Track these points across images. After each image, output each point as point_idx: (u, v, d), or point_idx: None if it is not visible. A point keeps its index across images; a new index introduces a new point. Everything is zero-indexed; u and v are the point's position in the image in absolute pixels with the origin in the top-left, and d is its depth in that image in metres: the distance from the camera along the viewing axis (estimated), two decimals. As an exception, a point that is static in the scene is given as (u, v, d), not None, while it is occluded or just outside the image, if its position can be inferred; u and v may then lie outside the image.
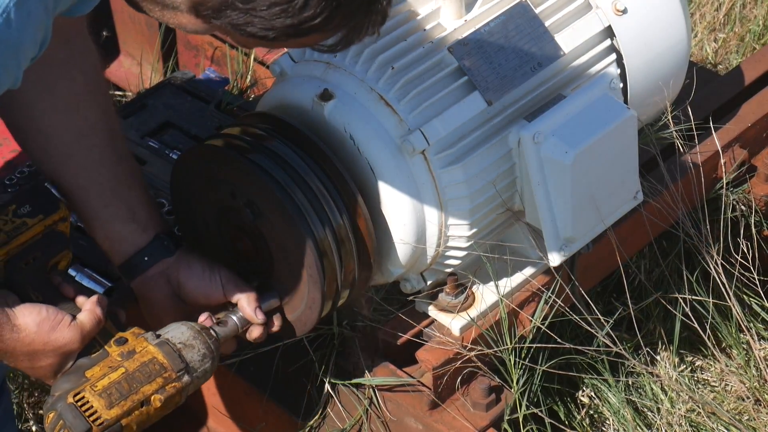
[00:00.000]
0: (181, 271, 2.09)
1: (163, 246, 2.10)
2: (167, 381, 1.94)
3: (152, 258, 2.09)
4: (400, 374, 2.32)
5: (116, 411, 1.89)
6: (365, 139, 2.12)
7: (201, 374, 1.99)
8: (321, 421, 2.39)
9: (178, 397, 1.96)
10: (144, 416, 1.93)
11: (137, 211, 2.09)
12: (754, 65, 2.94)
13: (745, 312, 2.80)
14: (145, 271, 2.09)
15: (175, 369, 1.95)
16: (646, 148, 2.50)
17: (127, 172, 2.10)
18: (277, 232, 2.09)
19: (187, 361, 1.97)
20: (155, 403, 1.93)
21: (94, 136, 2.06)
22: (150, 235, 2.09)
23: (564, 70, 2.28)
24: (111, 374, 1.91)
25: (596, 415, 2.70)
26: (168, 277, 2.09)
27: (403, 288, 2.31)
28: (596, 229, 2.29)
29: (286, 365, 2.40)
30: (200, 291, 2.09)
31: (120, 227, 2.08)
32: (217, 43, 3.23)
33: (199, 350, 1.99)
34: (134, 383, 1.92)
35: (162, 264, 2.09)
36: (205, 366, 1.99)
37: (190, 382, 1.97)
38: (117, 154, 2.09)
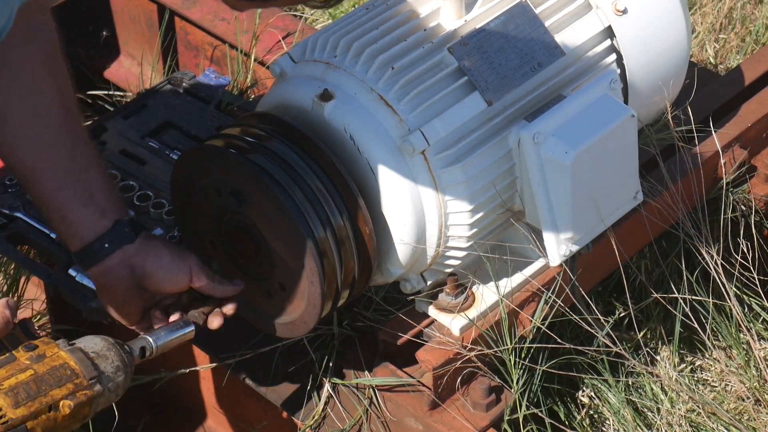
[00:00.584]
0: (148, 260, 2.01)
1: (123, 233, 2.00)
2: (78, 387, 1.85)
3: (113, 245, 2.00)
4: (400, 374, 2.32)
5: (23, 411, 1.80)
6: (365, 140, 2.12)
7: (113, 387, 1.90)
8: (321, 421, 2.39)
9: (87, 409, 1.87)
10: (51, 422, 1.83)
11: (95, 194, 2.00)
12: (754, 65, 2.94)
13: (745, 312, 2.80)
14: (105, 259, 2.00)
15: (87, 376, 1.86)
16: (646, 148, 2.50)
17: (85, 154, 2.01)
18: (277, 232, 2.09)
19: (100, 369, 1.88)
20: (64, 410, 1.83)
21: (49, 116, 1.98)
22: (110, 220, 2.00)
23: (564, 71, 2.29)
24: (19, 375, 1.82)
25: (596, 415, 2.70)
26: (131, 266, 2.01)
27: (403, 288, 2.31)
28: (596, 229, 2.29)
29: (286, 365, 2.40)
30: (170, 281, 2.03)
31: (77, 211, 1.99)
32: (217, 43, 3.23)
33: (113, 362, 1.90)
34: (43, 386, 1.82)
35: (123, 252, 2.00)
36: (118, 379, 1.90)
37: (102, 392, 1.87)
38: (73, 135, 2.00)
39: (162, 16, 3.30)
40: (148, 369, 2.51)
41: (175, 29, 3.33)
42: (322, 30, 2.26)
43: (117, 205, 2.03)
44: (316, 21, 3.72)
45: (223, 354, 2.42)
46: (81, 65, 3.42)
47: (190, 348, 2.51)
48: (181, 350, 2.54)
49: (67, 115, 2.00)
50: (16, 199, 2.64)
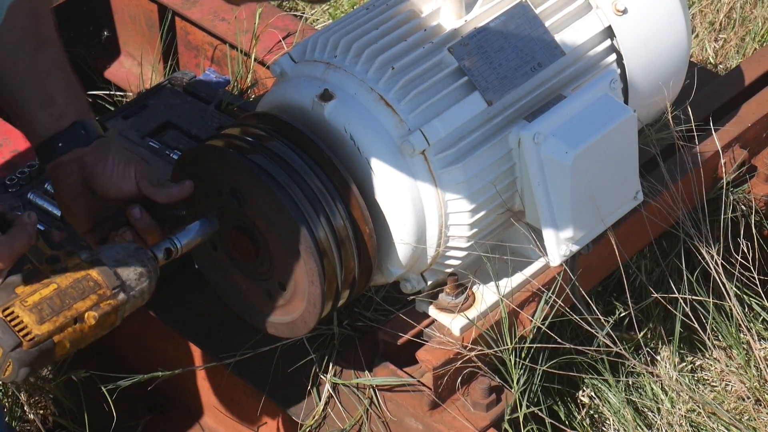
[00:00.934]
0: (97, 163, 2.04)
1: (79, 134, 2.05)
2: (102, 298, 1.87)
3: (66, 145, 2.04)
4: (401, 374, 2.33)
5: (48, 327, 1.82)
6: (365, 140, 2.12)
7: (138, 294, 1.92)
8: (321, 421, 2.39)
9: (114, 317, 1.90)
10: (78, 334, 1.85)
11: (55, 97, 2.04)
12: (754, 65, 2.94)
13: (746, 312, 2.80)
14: (59, 157, 2.05)
15: (110, 286, 1.88)
16: (646, 148, 2.50)
17: (49, 58, 2.05)
18: (277, 232, 2.09)
19: (122, 279, 1.90)
20: (89, 321, 1.86)
21: (15, 18, 2.00)
22: (67, 121, 2.04)
23: (564, 71, 2.29)
24: (42, 290, 1.84)
25: (596, 415, 2.70)
26: (82, 164, 2.04)
27: (404, 288, 2.31)
28: (596, 229, 2.29)
29: (286, 365, 2.40)
30: (111, 183, 2.05)
31: (35, 111, 2.03)
32: (217, 43, 3.23)
33: (135, 269, 1.92)
34: (67, 299, 1.84)
35: (76, 152, 2.04)
36: (142, 285, 1.92)
37: (126, 300, 1.90)
38: (38, 38, 2.04)
39: (162, 16, 3.30)
40: (147, 368, 2.51)
41: (175, 29, 3.33)
42: (322, 30, 2.26)
43: (77, 108, 2.06)
44: (317, 21, 3.72)
45: (223, 354, 2.42)
46: (82, 65, 3.42)
47: (190, 347, 2.51)
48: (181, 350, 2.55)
49: (32, 20, 2.04)
50: (17, 199, 2.65)
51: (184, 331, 2.51)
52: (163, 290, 2.55)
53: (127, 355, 2.66)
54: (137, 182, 2.06)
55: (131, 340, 2.66)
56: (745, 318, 2.66)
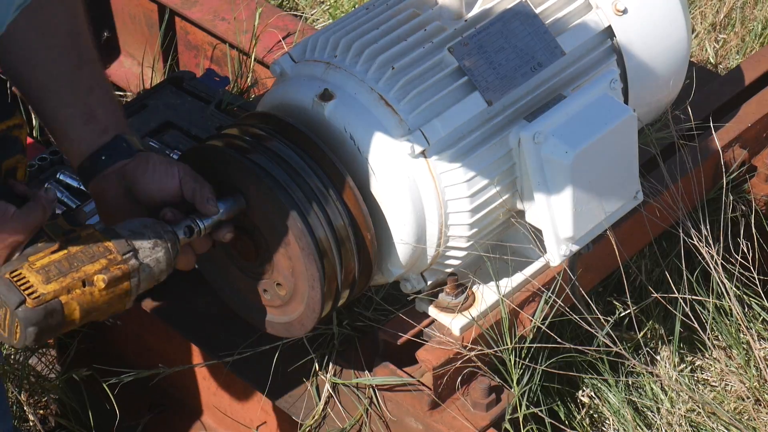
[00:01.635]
0: (138, 169, 2.04)
1: (122, 147, 2.05)
2: (112, 262, 1.86)
3: (110, 158, 2.04)
4: (401, 374, 2.33)
5: (54, 286, 1.81)
6: (365, 140, 2.12)
7: (152, 263, 1.90)
8: (321, 421, 2.39)
9: (126, 283, 1.88)
10: (87, 297, 1.84)
11: (97, 113, 2.04)
12: (754, 65, 2.94)
13: (745, 312, 2.80)
14: (102, 171, 2.04)
15: (121, 251, 1.87)
16: (646, 148, 2.50)
17: (90, 75, 2.05)
18: (277, 232, 2.09)
19: (135, 246, 1.89)
20: (99, 284, 1.84)
21: (57, 37, 2.03)
22: (109, 135, 2.05)
23: (564, 70, 2.29)
24: (52, 255, 1.84)
25: (596, 414, 2.70)
26: (123, 173, 2.04)
27: (404, 288, 2.31)
28: (596, 229, 2.29)
29: (286, 365, 2.40)
30: (155, 184, 2.04)
31: (78, 129, 2.04)
32: (217, 43, 3.23)
33: (149, 237, 1.91)
34: (75, 262, 1.83)
35: (119, 164, 2.04)
36: (156, 254, 1.91)
37: (138, 266, 1.88)
38: (80, 56, 2.05)
39: (162, 16, 3.31)
40: (147, 368, 2.51)
41: (175, 29, 3.33)
42: (322, 30, 2.26)
43: (118, 122, 2.07)
44: (317, 21, 3.72)
45: (223, 353, 2.42)
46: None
47: (190, 347, 2.51)
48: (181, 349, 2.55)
49: (75, 37, 2.05)
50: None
51: (184, 331, 2.51)
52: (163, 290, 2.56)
53: (128, 355, 2.66)
54: (180, 180, 2.05)
55: (131, 340, 2.66)
56: (745, 318, 2.66)
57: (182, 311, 2.53)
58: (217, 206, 2.05)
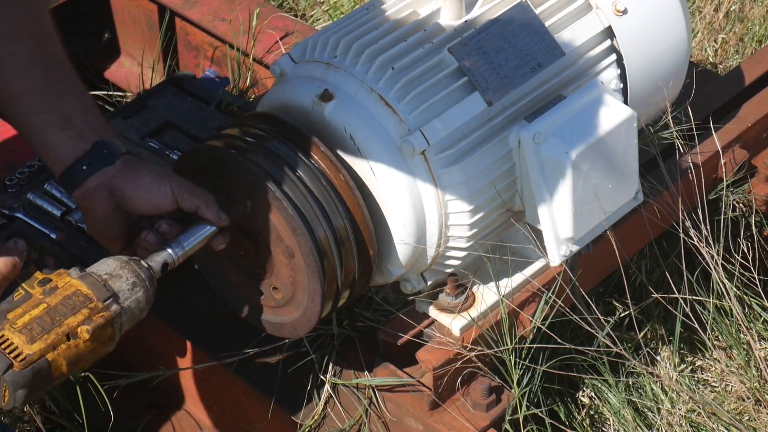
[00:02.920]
0: (128, 184, 1.98)
1: (102, 155, 1.99)
2: (93, 311, 1.83)
3: (91, 167, 1.98)
4: (401, 374, 2.32)
5: (39, 345, 1.78)
6: (365, 140, 2.12)
7: (133, 304, 1.87)
8: (321, 421, 2.39)
9: (110, 329, 1.85)
10: (73, 350, 1.81)
11: (72, 117, 1.98)
12: (754, 65, 2.94)
13: (746, 312, 2.80)
14: (84, 182, 1.99)
15: (101, 298, 1.84)
16: (646, 149, 2.50)
17: (60, 79, 2.00)
18: (277, 233, 2.09)
19: (114, 290, 1.86)
20: (83, 335, 1.81)
21: (22, 42, 1.97)
22: (88, 142, 1.99)
23: (564, 71, 2.29)
24: (32, 311, 1.80)
25: (596, 415, 2.70)
26: (111, 189, 1.99)
27: (404, 288, 2.31)
28: (596, 229, 2.29)
29: (286, 365, 2.40)
30: (149, 203, 2.00)
31: (54, 135, 1.97)
32: (217, 44, 3.23)
33: (127, 279, 1.88)
34: (57, 316, 1.80)
35: (102, 174, 1.99)
36: (136, 295, 1.88)
37: (120, 311, 1.85)
38: (48, 59, 1.99)
39: (162, 16, 3.31)
40: (147, 368, 2.51)
41: (175, 29, 3.33)
42: (322, 30, 2.26)
43: (96, 127, 2.01)
44: (317, 21, 3.72)
45: (223, 354, 2.42)
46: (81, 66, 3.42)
47: (190, 347, 2.51)
48: (181, 350, 2.55)
49: (41, 40, 2.00)
50: (16, 199, 2.65)
51: (184, 331, 2.51)
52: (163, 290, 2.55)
53: (127, 356, 2.66)
54: (176, 197, 2.01)
55: (131, 341, 2.66)
56: (746, 318, 2.66)
57: (182, 311, 2.53)
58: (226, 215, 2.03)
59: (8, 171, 2.71)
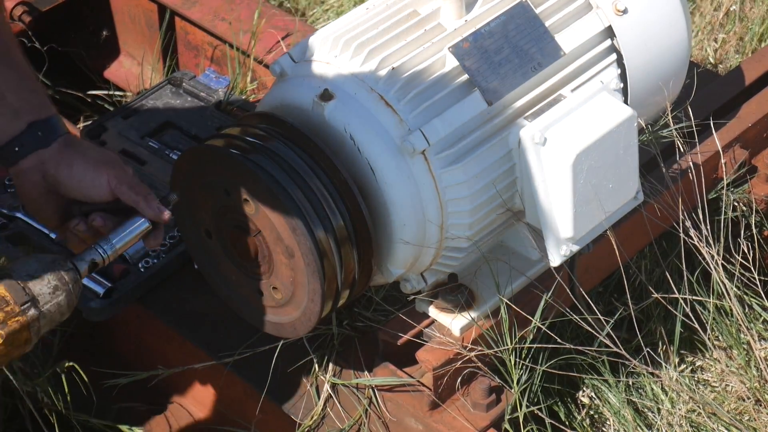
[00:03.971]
0: (61, 169, 1.93)
1: (36, 136, 1.93)
2: (9, 315, 1.78)
3: (24, 149, 1.93)
4: (401, 374, 2.32)
5: None
6: (365, 140, 2.12)
7: (53, 308, 1.82)
8: (320, 421, 2.39)
9: (26, 333, 1.81)
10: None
11: (5, 94, 1.92)
12: (754, 65, 2.94)
13: (746, 312, 2.80)
14: (17, 162, 1.93)
15: (19, 302, 1.79)
16: (646, 148, 2.50)
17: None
18: (281, 241, 2.08)
19: (33, 294, 1.80)
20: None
21: None
22: (23, 122, 1.93)
23: (564, 70, 2.28)
24: None
25: (596, 415, 2.70)
26: (44, 172, 1.93)
27: (404, 288, 2.31)
28: (596, 229, 2.29)
29: (286, 365, 2.40)
30: (80, 191, 1.94)
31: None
32: (217, 43, 3.23)
33: (49, 282, 1.82)
34: None
35: (36, 156, 1.93)
36: (57, 299, 1.83)
37: (38, 315, 1.81)
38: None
39: (162, 16, 3.31)
40: (147, 368, 2.51)
41: (175, 29, 3.33)
42: (322, 30, 2.26)
43: (34, 105, 1.96)
44: (317, 21, 3.72)
45: (223, 353, 2.42)
46: (81, 65, 3.42)
47: (190, 347, 2.51)
48: (181, 350, 2.54)
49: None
50: (16, 199, 2.64)
51: (184, 331, 2.51)
52: (163, 290, 2.56)
53: (127, 356, 2.66)
54: (113, 189, 1.94)
55: (131, 340, 2.66)
56: (746, 318, 2.66)
57: (182, 311, 2.53)
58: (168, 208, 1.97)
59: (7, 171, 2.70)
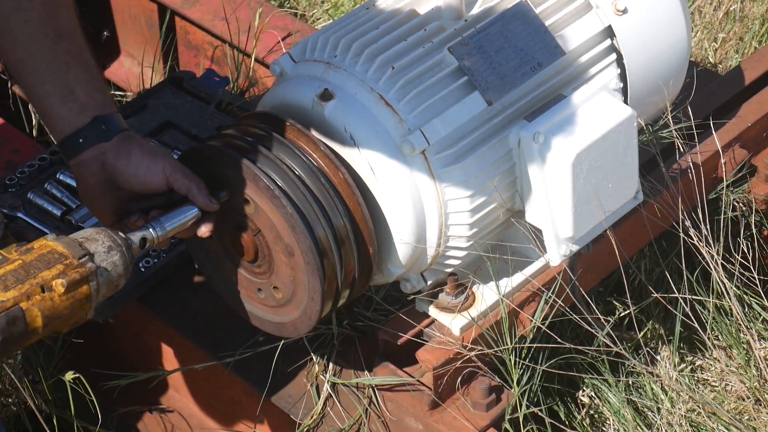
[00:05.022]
0: (119, 159, 2.03)
1: (100, 130, 2.03)
2: (69, 267, 1.84)
3: (87, 141, 2.02)
4: (401, 374, 2.33)
5: (13, 293, 1.79)
6: (365, 139, 2.12)
7: (109, 266, 1.89)
8: (320, 421, 2.39)
9: (86, 287, 1.87)
10: (48, 302, 1.83)
11: (75, 90, 2.02)
12: (753, 65, 2.94)
13: (746, 312, 2.80)
14: (80, 154, 2.03)
15: (76, 255, 1.86)
16: (646, 148, 2.50)
17: (68, 50, 2.03)
18: (281, 240, 2.08)
19: (90, 250, 1.88)
20: (57, 288, 1.82)
21: (32, 10, 2.00)
22: (88, 116, 2.03)
23: (564, 70, 2.29)
24: (7, 266, 1.83)
25: (596, 415, 2.70)
26: (103, 162, 2.03)
27: (404, 288, 2.31)
28: (596, 229, 2.29)
29: (286, 365, 2.40)
30: (138, 179, 2.03)
31: (56, 105, 2.02)
32: (218, 43, 3.23)
33: (103, 242, 1.90)
34: (32, 269, 1.82)
35: (97, 148, 2.03)
36: (112, 258, 1.89)
37: (95, 269, 1.87)
38: (57, 30, 2.02)
39: (162, 15, 3.31)
40: (147, 368, 2.51)
41: (175, 29, 3.33)
42: (322, 30, 2.26)
43: (100, 102, 2.05)
44: (317, 21, 3.72)
45: (223, 353, 2.42)
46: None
47: (190, 347, 2.51)
48: (181, 350, 2.54)
49: (51, 10, 2.02)
50: (16, 199, 2.65)
51: (184, 331, 2.51)
52: (163, 290, 2.56)
53: (127, 356, 2.66)
54: (168, 177, 2.04)
55: (131, 340, 2.66)
56: (745, 318, 2.66)
57: (182, 311, 2.53)
58: (216, 201, 2.05)
59: (9, 171, 2.71)
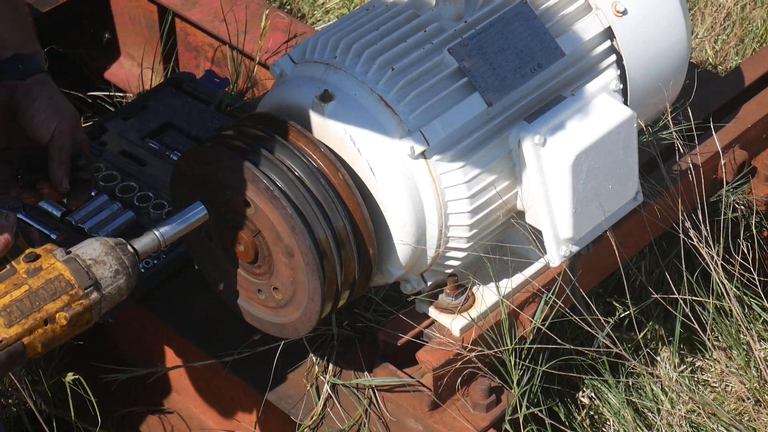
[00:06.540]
0: (25, 99, 2.07)
1: (16, 68, 2.08)
2: (74, 298, 1.87)
3: (2, 75, 2.08)
4: (401, 375, 2.33)
5: (16, 329, 1.82)
6: (365, 141, 2.12)
7: (114, 291, 1.91)
8: (319, 422, 2.39)
9: (88, 315, 1.89)
10: (49, 335, 1.86)
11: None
12: (754, 66, 2.94)
13: (746, 312, 2.80)
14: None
15: (82, 286, 1.88)
16: (646, 149, 2.50)
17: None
18: (281, 240, 2.09)
19: (96, 277, 1.89)
20: (60, 321, 1.85)
21: None
22: (8, 53, 2.08)
23: (564, 71, 2.29)
24: (14, 292, 1.85)
25: (596, 415, 2.70)
26: (11, 93, 2.07)
27: (404, 289, 2.31)
28: (596, 230, 2.29)
29: (286, 365, 2.40)
30: (28, 125, 2.07)
31: None
32: (217, 44, 3.23)
33: (110, 266, 1.91)
34: (37, 301, 1.84)
35: (9, 84, 2.07)
36: (117, 282, 1.91)
37: (100, 299, 1.89)
38: None
39: (162, 17, 3.31)
40: (147, 364, 2.51)
41: (175, 30, 3.33)
42: (322, 31, 2.26)
43: (22, 40, 2.10)
44: (317, 22, 3.72)
45: (222, 353, 2.42)
46: (82, 66, 3.42)
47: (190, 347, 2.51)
48: (181, 350, 2.54)
49: None
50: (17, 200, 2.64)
51: (184, 331, 2.51)
52: (163, 290, 2.56)
53: (127, 356, 2.66)
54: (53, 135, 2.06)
55: (131, 340, 2.66)
56: (745, 319, 2.66)
57: (182, 311, 2.53)
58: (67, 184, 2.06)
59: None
